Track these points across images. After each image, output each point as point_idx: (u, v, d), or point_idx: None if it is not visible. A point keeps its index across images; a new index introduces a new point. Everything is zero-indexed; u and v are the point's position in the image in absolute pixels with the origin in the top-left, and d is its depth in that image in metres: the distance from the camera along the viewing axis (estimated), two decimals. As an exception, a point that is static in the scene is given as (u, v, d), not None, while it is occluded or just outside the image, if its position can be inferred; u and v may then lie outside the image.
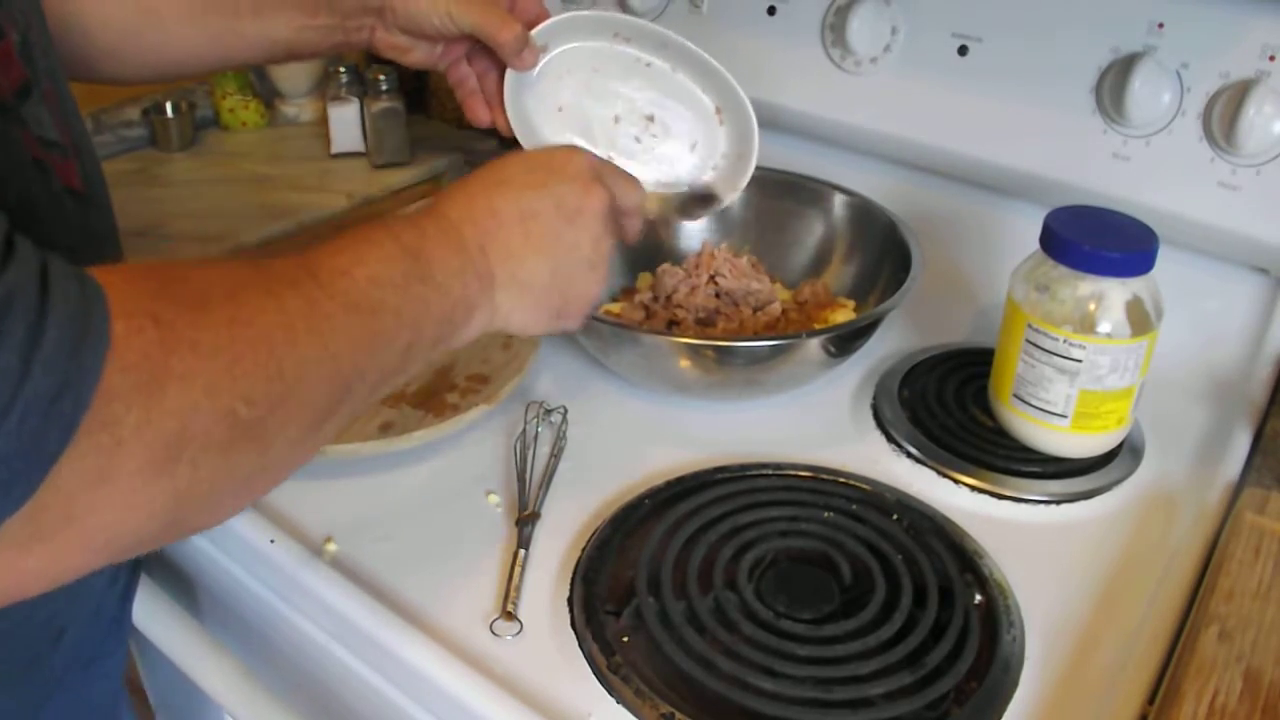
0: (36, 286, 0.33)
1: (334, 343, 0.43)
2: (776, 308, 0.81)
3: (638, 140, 0.71)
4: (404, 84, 1.14)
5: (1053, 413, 0.66)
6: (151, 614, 0.69)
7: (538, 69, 0.69)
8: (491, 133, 0.73)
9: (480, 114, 0.72)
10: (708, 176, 0.72)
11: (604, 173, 0.59)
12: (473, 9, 0.65)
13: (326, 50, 0.72)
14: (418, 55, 0.72)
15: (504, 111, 0.69)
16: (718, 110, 0.72)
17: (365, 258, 0.47)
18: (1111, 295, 0.64)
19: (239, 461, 0.39)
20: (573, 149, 0.60)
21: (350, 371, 0.44)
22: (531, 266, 0.55)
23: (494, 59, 0.70)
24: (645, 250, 0.88)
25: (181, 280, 0.39)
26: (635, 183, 0.61)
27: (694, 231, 0.90)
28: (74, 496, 0.34)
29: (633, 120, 0.71)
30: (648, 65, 0.71)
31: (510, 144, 0.73)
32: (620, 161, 0.70)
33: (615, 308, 0.83)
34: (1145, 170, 0.76)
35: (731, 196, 0.72)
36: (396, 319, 0.47)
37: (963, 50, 0.82)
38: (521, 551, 0.61)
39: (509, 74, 0.68)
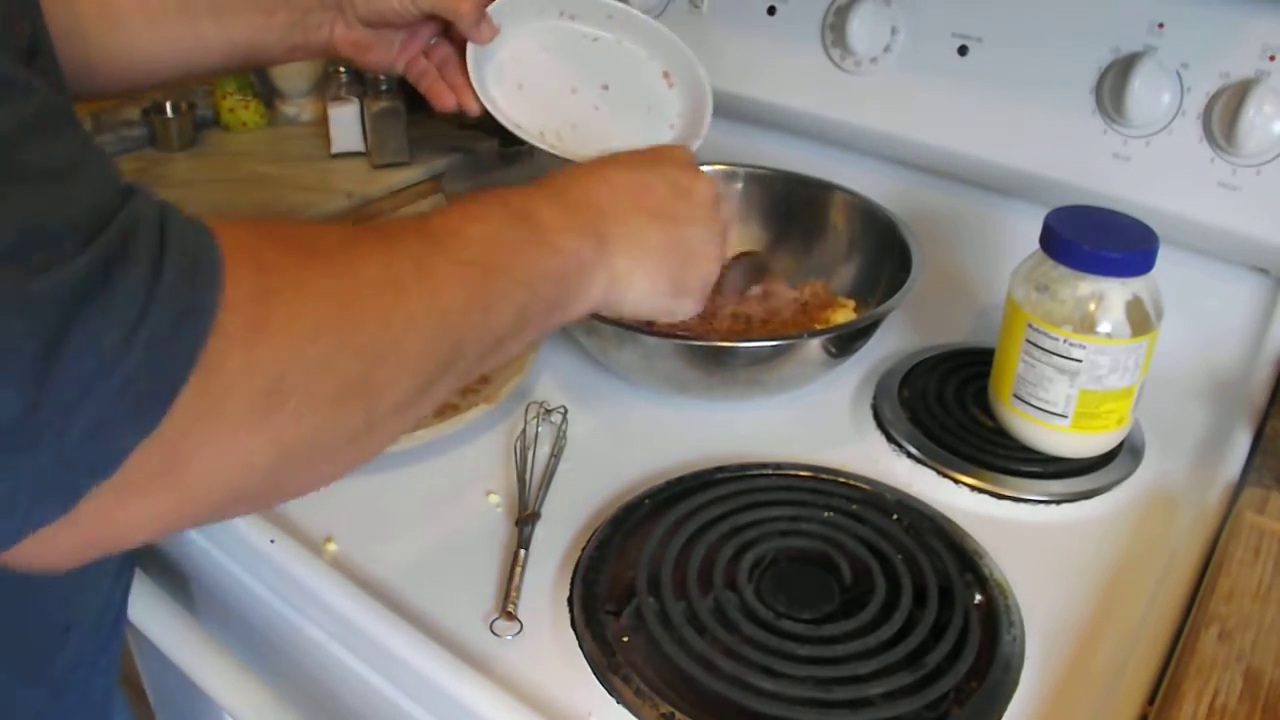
0: (157, 219, 0.34)
1: (443, 298, 0.42)
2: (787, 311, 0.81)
3: (596, 108, 0.74)
4: (404, 84, 1.13)
5: (1053, 413, 0.66)
6: (151, 613, 0.69)
7: (494, 50, 0.72)
8: (492, 132, 0.74)
9: (446, 99, 0.74)
10: (667, 136, 0.75)
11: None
12: None
13: (283, 54, 0.72)
14: (377, 54, 0.73)
15: (469, 93, 0.72)
16: (665, 74, 0.76)
17: (475, 218, 0.47)
18: (1111, 295, 0.64)
19: (343, 417, 0.38)
20: (675, 146, 0.61)
21: (460, 329, 0.43)
22: (648, 231, 0.54)
23: (452, 47, 0.73)
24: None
25: (287, 230, 0.39)
26: (729, 202, 0.62)
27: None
28: (179, 439, 0.33)
29: (589, 90, 0.75)
30: (594, 41, 0.75)
31: (508, 142, 0.74)
32: (583, 129, 0.74)
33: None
34: (1145, 170, 0.76)
35: (695, 145, 0.74)
36: (509, 277, 0.46)
37: (963, 50, 0.82)
38: (521, 551, 0.60)
39: (470, 53, 0.71)
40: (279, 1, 0.68)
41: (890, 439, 0.72)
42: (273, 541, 0.61)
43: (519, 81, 0.74)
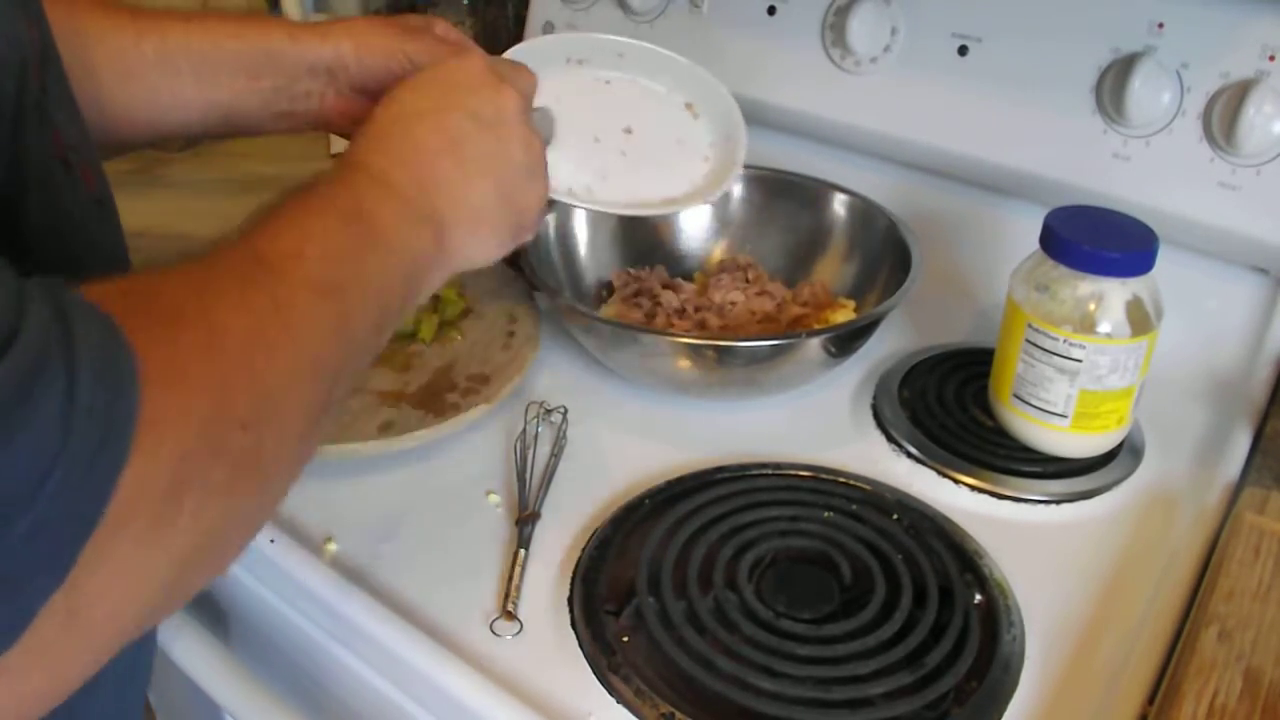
0: (66, 323, 0.30)
1: (308, 336, 0.40)
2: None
3: (624, 154, 0.70)
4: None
5: (1053, 413, 0.66)
6: (151, 614, 0.69)
7: None
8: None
9: None
10: (703, 169, 0.71)
11: (502, 70, 0.56)
12: (425, 45, 0.63)
13: (268, 121, 0.67)
14: None
15: None
16: (689, 106, 0.72)
17: (310, 233, 0.43)
18: (1111, 295, 0.64)
19: (238, 501, 0.35)
20: (462, 56, 0.56)
21: (330, 360, 0.41)
22: (478, 192, 0.52)
23: None
24: (642, 248, 0.88)
25: (150, 296, 0.35)
26: (527, 70, 0.58)
27: (693, 233, 0.90)
28: (84, 581, 0.29)
29: (612, 136, 0.70)
30: (607, 83, 0.71)
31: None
32: (614, 179, 0.69)
33: (611, 309, 0.83)
34: (1145, 170, 0.76)
35: (735, 175, 0.71)
36: (361, 293, 0.44)
37: (963, 50, 0.82)
38: (521, 551, 0.61)
39: None
40: (265, 66, 0.64)
41: (890, 439, 0.72)
42: (272, 541, 0.61)
43: None
